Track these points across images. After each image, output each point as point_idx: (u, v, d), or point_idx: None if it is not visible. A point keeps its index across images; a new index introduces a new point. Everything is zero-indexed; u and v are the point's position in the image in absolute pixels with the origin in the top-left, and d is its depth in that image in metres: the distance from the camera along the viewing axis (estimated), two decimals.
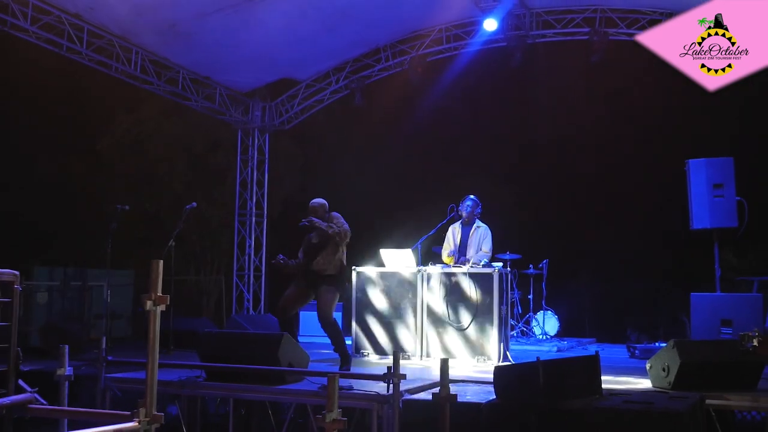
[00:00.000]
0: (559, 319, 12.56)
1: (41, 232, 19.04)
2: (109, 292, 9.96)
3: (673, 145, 17.01)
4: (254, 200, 14.92)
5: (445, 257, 9.86)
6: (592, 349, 11.71)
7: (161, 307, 3.92)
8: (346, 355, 8.07)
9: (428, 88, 15.14)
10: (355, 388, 6.41)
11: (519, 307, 12.38)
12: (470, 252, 9.61)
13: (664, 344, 10.48)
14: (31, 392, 4.26)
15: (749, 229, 9.86)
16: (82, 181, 20.38)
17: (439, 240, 10.82)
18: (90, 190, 20.35)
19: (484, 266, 9.24)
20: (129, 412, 3.88)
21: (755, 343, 4.88)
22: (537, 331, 12.24)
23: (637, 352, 10.08)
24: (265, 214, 15.05)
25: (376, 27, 13.03)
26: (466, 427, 5.93)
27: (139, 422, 3.79)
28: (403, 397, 6.23)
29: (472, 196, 9.99)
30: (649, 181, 18.47)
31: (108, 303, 10.10)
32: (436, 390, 6.72)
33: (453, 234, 9.93)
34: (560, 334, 12.50)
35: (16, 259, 16.27)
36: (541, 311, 12.44)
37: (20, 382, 4.26)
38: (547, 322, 12.35)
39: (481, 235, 9.65)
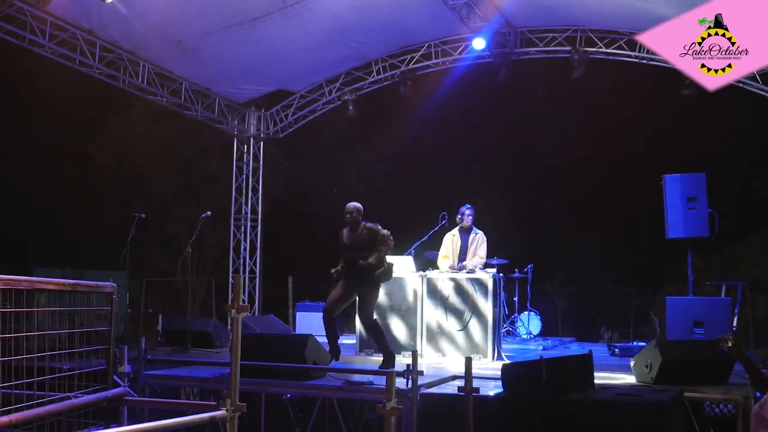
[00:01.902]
0: (541, 320, 13.42)
1: (37, 235, 19.48)
2: (128, 295, 10.58)
3: (650, 160, 17.99)
4: (249, 205, 15.59)
5: (442, 263, 10.61)
6: (573, 347, 12.62)
7: (242, 315, 4.63)
8: (389, 354, 8.53)
9: (419, 100, 15.92)
10: (375, 383, 7.17)
11: (506, 309, 13.19)
12: (469, 257, 10.40)
13: (640, 343, 11.43)
14: (124, 386, 4.96)
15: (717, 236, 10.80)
16: (74, 184, 20.85)
17: (432, 246, 11.61)
18: (82, 192, 20.84)
19: (479, 271, 10.04)
20: (215, 403, 4.61)
21: (730, 344, 5.67)
22: (522, 331, 13.07)
23: (617, 350, 10.92)
24: (260, 219, 15.72)
25: (368, 42, 13.72)
26: (474, 417, 6.69)
27: (226, 410, 4.52)
28: (419, 392, 6.98)
29: (468, 205, 10.70)
30: (627, 193, 19.47)
31: (126, 305, 10.72)
32: (450, 384, 7.57)
33: (452, 241, 10.68)
34: (542, 334, 13.36)
35: (17, 261, 16.81)
36: (526, 312, 13.27)
37: (114, 377, 4.95)
38: (531, 323, 13.20)
39: (479, 242, 10.44)
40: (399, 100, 14.73)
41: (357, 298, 8.77)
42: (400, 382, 6.92)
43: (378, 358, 9.96)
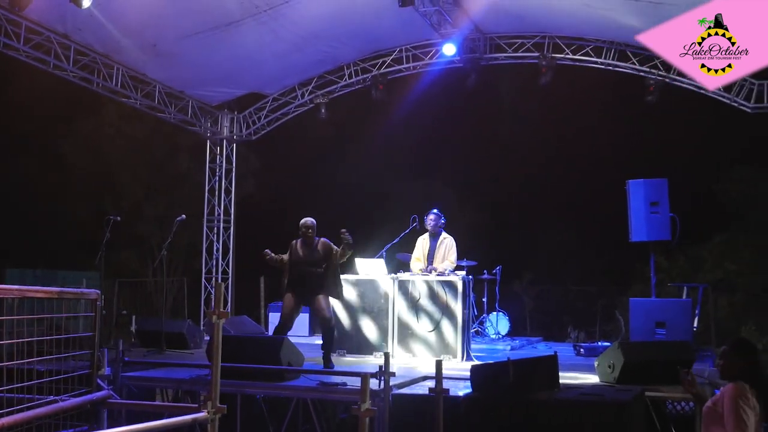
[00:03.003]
0: (510, 320, 13.71)
1: (7, 235, 19.43)
2: (102, 296, 10.64)
3: (615, 163, 18.39)
4: (222, 207, 15.73)
5: (414, 265, 10.86)
6: (540, 347, 12.92)
7: (222, 321, 4.82)
8: (329, 357, 8.93)
9: (391, 104, 16.14)
10: (349, 384, 7.39)
11: (474, 309, 13.45)
12: (437, 261, 10.65)
13: (605, 343, 11.76)
14: (107, 389, 5.12)
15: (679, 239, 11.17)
16: (44, 184, 20.83)
17: (403, 248, 11.86)
18: (52, 192, 20.83)
19: (449, 274, 10.30)
20: (196, 404, 4.80)
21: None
22: (490, 331, 13.34)
23: (582, 350, 11.22)
24: (233, 220, 15.86)
25: (341, 46, 13.93)
26: (444, 417, 6.94)
27: (207, 412, 4.71)
28: (391, 392, 7.20)
29: (435, 210, 10.98)
30: (594, 195, 19.88)
31: (101, 307, 10.79)
32: (421, 384, 7.81)
33: (422, 245, 10.93)
34: (510, 334, 13.65)
35: None
36: (494, 312, 13.55)
37: (98, 380, 5.12)
38: (500, 323, 13.47)
39: (447, 246, 10.69)
40: (371, 103, 14.93)
41: (310, 305, 9.03)
42: (373, 383, 7.10)
43: (350, 359, 10.24)
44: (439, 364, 6.20)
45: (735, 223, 19.20)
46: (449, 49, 13.21)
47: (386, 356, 6.99)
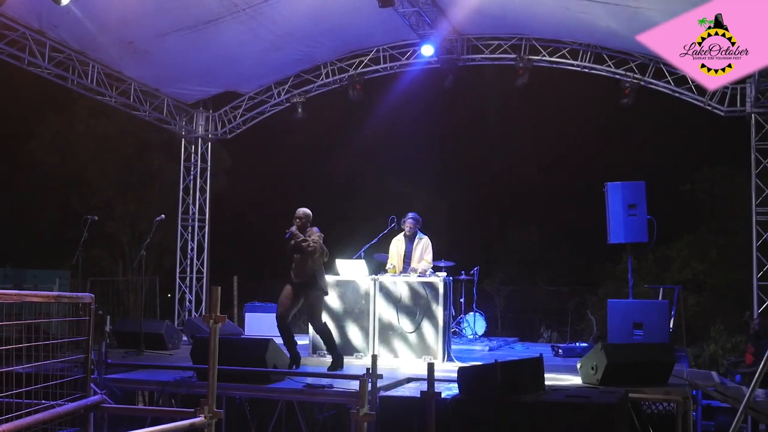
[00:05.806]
0: (486, 320, 13.77)
1: None
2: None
3: (586, 164, 18.56)
4: (197, 206, 15.61)
5: (389, 268, 10.84)
6: (518, 347, 13.00)
7: (219, 325, 4.80)
8: (338, 356, 8.98)
9: (368, 103, 16.14)
10: (335, 386, 7.39)
11: (452, 310, 13.48)
12: (414, 262, 10.67)
13: (582, 344, 11.87)
14: (101, 394, 5.07)
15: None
16: (11, 182, 20.52)
17: (381, 249, 11.84)
18: (20, 190, 20.54)
19: (430, 275, 10.32)
20: (193, 409, 4.77)
21: None
22: (468, 331, 13.39)
23: (560, 351, 11.31)
24: (207, 219, 15.73)
25: (318, 46, 13.92)
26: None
27: (204, 417, 4.69)
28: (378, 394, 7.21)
29: (412, 214, 10.94)
30: (566, 195, 20.05)
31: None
32: (406, 386, 7.83)
33: (396, 247, 10.92)
34: (487, 334, 13.71)
35: None
36: (471, 313, 13.60)
37: (91, 385, 5.06)
38: (477, 323, 13.52)
39: (424, 246, 10.71)
40: (348, 102, 14.91)
41: (304, 303, 8.98)
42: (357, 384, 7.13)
43: (328, 360, 10.18)
44: (431, 366, 6.22)
45: (703, 223, 19.48)
46: (428, 50, 13.24)
47: (374, 358, 6.99)
